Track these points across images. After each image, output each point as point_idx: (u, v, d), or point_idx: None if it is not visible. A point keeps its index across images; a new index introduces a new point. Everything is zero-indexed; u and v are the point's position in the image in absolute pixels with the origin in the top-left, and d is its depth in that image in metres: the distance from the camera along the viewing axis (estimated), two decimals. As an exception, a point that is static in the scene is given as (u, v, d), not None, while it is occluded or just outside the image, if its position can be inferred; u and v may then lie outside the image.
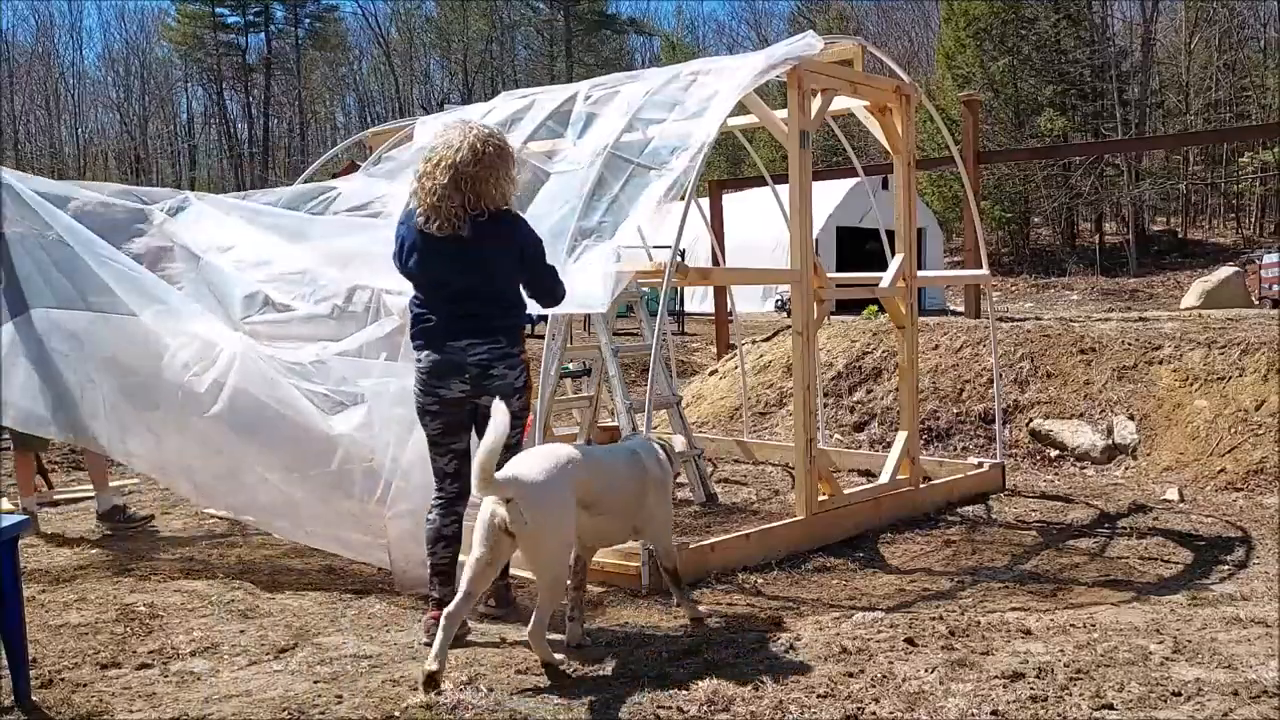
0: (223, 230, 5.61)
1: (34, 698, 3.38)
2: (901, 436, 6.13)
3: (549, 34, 58.88)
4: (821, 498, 5.38)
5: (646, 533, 3.96)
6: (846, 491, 5.72)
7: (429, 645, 3.46)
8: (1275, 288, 17.85)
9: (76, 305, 5.18)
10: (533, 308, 4.22)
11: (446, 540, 4.05)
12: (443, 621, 3.39)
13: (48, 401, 5.11)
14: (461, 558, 3.86)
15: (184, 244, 5.55)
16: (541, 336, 7.47)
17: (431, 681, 3.29)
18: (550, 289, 4.14)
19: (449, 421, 4.02)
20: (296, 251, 5.46)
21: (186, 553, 5.40)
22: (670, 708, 3.19)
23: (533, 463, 3.51)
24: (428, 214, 3.90)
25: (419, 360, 4.01)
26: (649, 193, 4.75)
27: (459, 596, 3.48)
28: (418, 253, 3.96)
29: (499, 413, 3.35)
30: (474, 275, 3.95)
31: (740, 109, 5.59)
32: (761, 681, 3.38)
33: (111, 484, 6.99)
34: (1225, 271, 19.58)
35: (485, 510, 3.42)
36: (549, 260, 4.17)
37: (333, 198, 5.90)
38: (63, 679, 3.58)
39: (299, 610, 4.36)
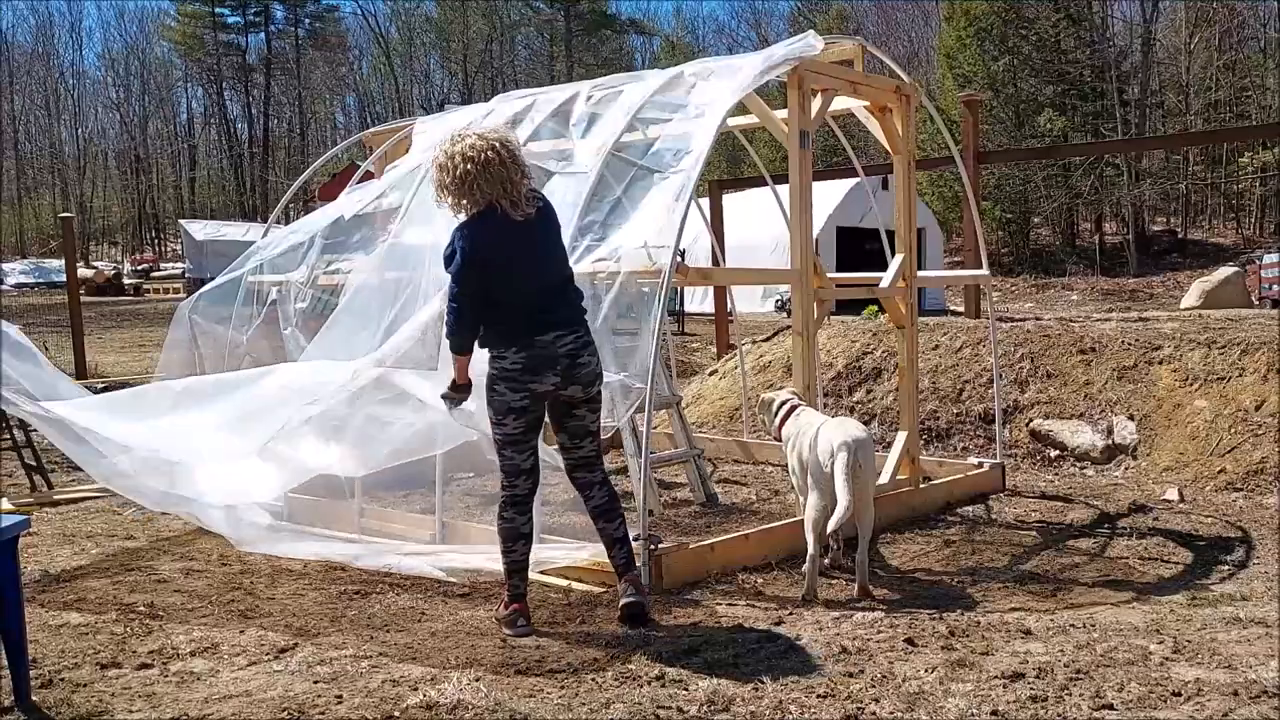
0: None
1: (34, 698, 3.39)
2: (901, 436, 6.13)
3: (549, 34, 58.90)
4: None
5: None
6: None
7: (516, 636, 3.91)
8: (1275, 288, 17.84)
9: None
10: None
11: (526, 537, 4.10)
12: (809, 566, 4.39)
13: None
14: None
15: None
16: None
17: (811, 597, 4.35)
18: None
19: (533, 417, 4.03)
20: None
21: (187, 553, 5.40)
22: (670, 708, 3.19)
23: (858, 427, 4.59)
24: (509, 202, 3.89)
25: (503, 358, 3.94)
26: (655, 198, 4.74)
27: (815, 550, 4.40)
28: (494, 255, 3.88)
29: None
30: (549, 265, 4.00)
31: (740, 109, 5.58)
32: (761, 681, 3.38)
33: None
34: (1225, 271, 19.55)
35: (829, 464, 4.34)
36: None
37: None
38: (63, 679, 3.58)
39: (299, 610, 4.36)
